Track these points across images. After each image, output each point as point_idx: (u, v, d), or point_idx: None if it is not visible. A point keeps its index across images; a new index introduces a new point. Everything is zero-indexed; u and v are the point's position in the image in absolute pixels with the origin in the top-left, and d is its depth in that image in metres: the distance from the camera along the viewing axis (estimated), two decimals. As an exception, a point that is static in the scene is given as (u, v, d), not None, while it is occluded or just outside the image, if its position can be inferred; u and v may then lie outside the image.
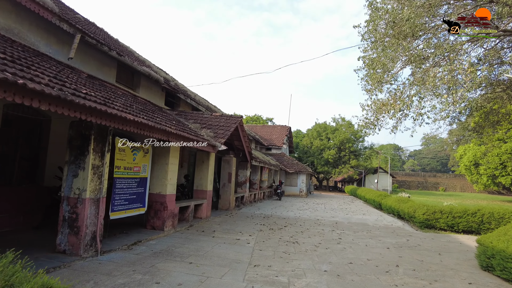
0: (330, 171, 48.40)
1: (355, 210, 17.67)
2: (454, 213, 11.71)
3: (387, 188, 51.37)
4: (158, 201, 7.83)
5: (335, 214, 14.93)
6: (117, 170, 6.50)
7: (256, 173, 18.01)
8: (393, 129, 18.74)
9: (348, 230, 10.25)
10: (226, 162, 12.95)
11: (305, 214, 14.17)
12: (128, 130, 5.53)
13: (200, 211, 10.09)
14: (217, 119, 11.64)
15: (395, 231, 10.84)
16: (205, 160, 10.44)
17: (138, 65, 10.16)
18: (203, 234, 8.03)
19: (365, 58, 18.14)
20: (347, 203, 22.85)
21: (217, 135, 10.35)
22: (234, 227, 9.35)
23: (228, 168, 12.89)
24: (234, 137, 12.95)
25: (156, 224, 7.79)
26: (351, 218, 13.51)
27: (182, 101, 14.12)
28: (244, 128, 12.52)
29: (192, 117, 11.82)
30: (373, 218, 13.92)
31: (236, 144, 13.35)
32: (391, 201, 16.02)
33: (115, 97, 6.63)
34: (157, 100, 12.19)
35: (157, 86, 12.05)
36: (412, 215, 12.57)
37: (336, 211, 16.51)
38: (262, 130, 34.10)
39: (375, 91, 18.75)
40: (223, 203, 12.84)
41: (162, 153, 7.94)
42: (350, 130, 47.89)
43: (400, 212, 14.16)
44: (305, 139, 51.43)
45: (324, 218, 13.16)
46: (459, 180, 70.45)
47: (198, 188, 10.44)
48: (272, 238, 8.11)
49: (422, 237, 9.87)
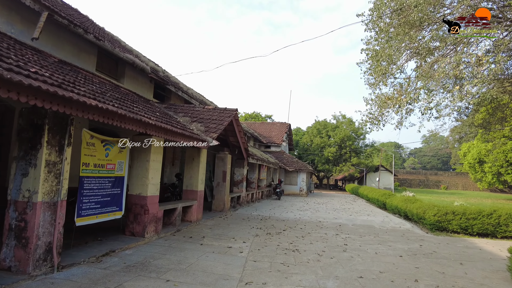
0: (330, 169, 47.42)
1: (358, 210, 16.70)
2: (468, 214, 10.74)
3: (389, 187, 50.43)
4: (138, 204, 6.84)
5: (338, 215, 13.96)
6: (85, 168, 5.51)
7: (254, 172, 17.04)
8: (398, 125, 17.77)
9: (353, 234, 9.27)
10: (221, 160, 11.96)
11: (305, 215, 13.20)
12: (92, 118, 4.54)
13: (190, 214, 9.11)
14: (209, 112, 10.65)
15: (404, 234, 9.87)
16: (196, 157, 9.45)
17: (120, 51, 9.15)
18: (190, 241, 7.05)
19: (368, 50, 17.18)
20: (349, 203, 21.88)
21: (209, 129, 9.36)
22: (227, 232, 8.37)
23: (223, 166, 11.90)
24: (229, 132, 11.96)
25: (135, 229, 6.81)
26: (356, 220, 12.54)
27: (174, 95, 13.12)
28: (239, 122, 11.53)
29: (183, 110, 10.83)
30: (379, 220, 12.95)
31: (231, 141, 12.36)
32: (397, 201, 15.04)
33: (85, 83, 5.63)
34: (145, 92, 11.20)
35: (144, 77, 11.06)
36: (421, 217, 11.59)
37: (339, 211, 15.54)
38: (261, 127, 33.10)
39: (380, 84, 17.78)
40: (217, 204, 11.86)
41: (143, 148, 6.95)
42: (351, 127, 46.91)
43: (408, 213, 13.19)
44: (305, 136, 50.44)
45: (327, 219, 12.19)
46: (461, 178, 69.56)
47: (188, 188, 9.45)
48: (269, 245, 7.13)
49: (436, 241, 8.90)
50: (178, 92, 12.72)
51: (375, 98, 17.56)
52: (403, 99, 14.90)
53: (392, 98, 16.18)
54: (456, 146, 66.92)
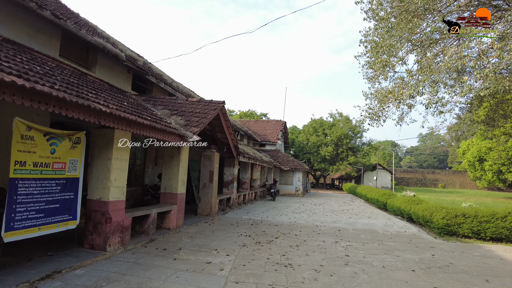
0: (327, 168, 46.39)
1: (358, 212, 15.63)
2: (480, 217, 9.69)
3: (387, 186, 49.55)
4: (98, 211, 5.68)
5: (337, 218, 12.86)
6: (20, 168, 4.34)
7: (246, 171, 15.90)
8: (399, 121, 16.78)
9: (355, 241, 8.17)
10: (207, 158, 10.81)
11: (301, 218, 12.08)
12: (11, 101, 3.38)
13: (168, 220, 7.95)
14: (192, 105, 9.49)
15: (411, 240, 8.78)
16: (176, 155, 8.28)
17: (88, 34, 7.96)
18: (162, 255, 5.89)
19: (367, 42, 16.13)
20: (348, 203, 20.82)
21: (190, 123, 8.20)
22: (209, 242, 7.22)
23: (209, 165, 10.74)
24: (216, 128, 10.81)
25: (95, 242, 5.64)
26: (356, 223, 11.44)
27: (156, 87, 11.95)
28: (227, 117, 10.37)
29: (163, 103, 9.66)
30: (381, 223, 11.86)
31: (219, 137, 11.20)
32: (400, 202, 13.98)
33: (22, 61, 4.46)
34: (121, 83, 10.03)
35: (121, 66, 9.88)
36: (428, 220, 10.53)
37: (337, 213, 14.45)
38: (256, 125, 31.96)
39: (379, 78, 16.75)
40: (204, 208, 10.70)
41: (103, 143, 5.79)
42: (348, 125, 45.93)
43: (412, 215, 12.12)
44: (301, 135, 49.39)
45: (324, 223, 11.08)
46: (458, 177, 68.96)
47: (166, 191, 8.28)
48: (257, 259, 6.00)
49: (448, 249, 7.82)
50: (161, 84, 11.55)
51: (375, 92, 16.51)
52: (405, 92, 13.86)
53: (393, 92, 15.15)
54: (454, 144, 66.26)
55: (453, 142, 65.84)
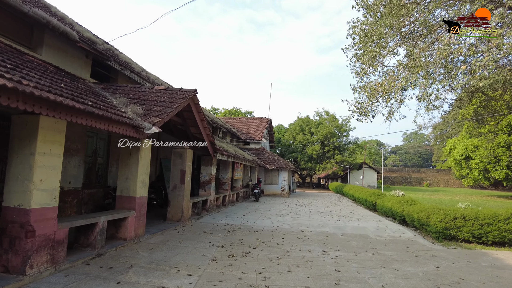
0: (313, 167, 45.58)
1: (346, 213, 14.60)
2: (481, 219, 8.77)
3: (373, 185, 49.20)
4: (16, 222, 4.32)
5: (324, 220, 11.76)
6: None
7: (226, 170, 14.63)
8: (389, 116, 15.88)
9: (346, 250, 7.04)
10: (178, 156, 9.49)
11: (285, 222, 10.92)
12: None
13: (124, 229, 6.62)
14: (158, 93, 8.17)
15: (409, 247, 7.74)
16: (134, 151, 6.95)
17: (25, 4, 6.54)
18: (104, 277, 4.58)
19: (355, 33, 15.15)
20: (335, 204, 19.83)
21: (151, 112, 6.90)
22: (172, 256, 5.94)
23: (181, 163, 9.43)
24: (188, 121, 9.51)
25: (11, 263, 4.29)
26: (345, 227, 10.35)
27: (122, 76, 10.54)
28: (201, 108, 9.09)
29: (124, 91, 8.31)
30: (372, 226, 10.83)
31: (193, 132, 9.90)
32: (391, 203, 13.01)
33: None
34: (77, 69, 8.60)
35: (76, 49, 8.46)
36: (424, 222, 9.54)
37: (324, 215, 13.37)
38: (240, 123, 30.70)
39: (369, 71, 15.81)
40: (174, 212, 9.39)
41: (25, 134, 4.44)
42: (334, 124, 45.26)
43: (406, 217, 11.13)
44: (287, 134, 48.45)
45: (310, 228, 9.95)
46: (443, 175, 69.60)
47: (123, 194, 6.94)
48: (227, 279, 4.77)
49: (452, 258, 6.79)
50: (126, 72, 10.16)
51: (364, 86, 15.56)
52: (397, 84, 12.91)
53: (383, 85, 14.19)
54: (439, 143, 66.80)
55: (438, 141, 66.41)
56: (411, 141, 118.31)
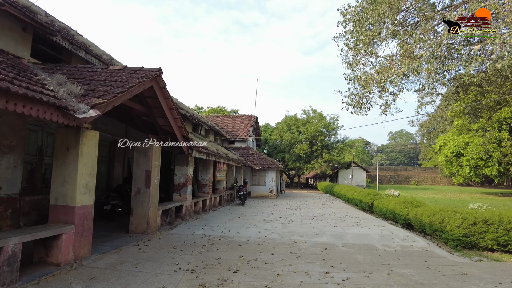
0: (302, 167, 44.24)
1: (342, 217, 13.10)
2: (507, 223, 7.37)
3: (362, 184, 48.27)
4: None
5: (319, 227, 10.20)
6: None
7: (207, 171, 12.90)
8: (385, 109, 14.55)
9: (353, 270, 5.47)
10: (142, 154, 7.74)
11: (274, 230, 9.29)
12: None
13: (57, 251, 4.84)
14: (111, 73, 6.41)
15: (427, 262, 6.24)
16: (73, 145, 5.18)
17: None
18: None
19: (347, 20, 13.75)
20: (327, 205, 18.36)
21: (93, 93, 5.15)
22: (117, 289, 4.21)
23: (145, 163, 7.68)
24: (154, 111, 7.75)
25: None
26: (345, 235, 8.80)
27: (77, 59, 8.70)
28: (169, 93, 7.35)
29: (69, 71, 6.52)
30: (375, 233, 9.32)
31: (161, 124, 8.15)
32: (393, 204, 11.56)
33: None
34: (10, 44, 6.76)
35: (7, 18, 6.61)
36: (438, 228, 8.09)
37: (318, 219, 11.82)
38: (224, 121, 28.94)
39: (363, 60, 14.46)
40: (137, 223, 7.62)
41: None
42: (322, 122, 44.07)
43: (412, 221, 9.68)
44: (274, 133, 46.97)
45: (305, 237, 8.36)
46: (430, 173, 69.63)
47: (58, 203, 5.15)
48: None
49: (490, 278, 5.31)
50: (80, 53, 8.35)
51: (358, 75, 14.13)
52: (399, 70, 11.50)
53: (381, 72, 12.77)
54: (426, 142, 66.74)
55: (425, 138, 66.37)
56: (397, 140, 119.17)
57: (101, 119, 10.07)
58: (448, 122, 56.48)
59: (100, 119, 10.07)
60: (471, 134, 32.77)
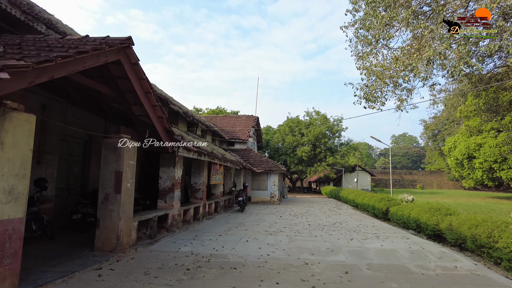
0: (304, 170, 42.53)
1: (355, 226, 11.43)
2: None
3: (366, 188, 46.49)
4: None
5: (332, 240, 8.53)
6: None
7: (200, 174, 11.27)
8: (400, 105, 13.00)
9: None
10: (111, 150, 6.13)
11: (279, 245, 7.63)
12: None
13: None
14: (64, 42, 4.84)
15: (488, 293, 4.58)
16: (-12, 132, 3.58)
17: None
18: None
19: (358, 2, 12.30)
20: (335, 212, 16.67)
21: (17, 55, 3.56)
22: None
23: (115, 161, 6.08)
24: (128, 96, 6.14)
25: None
26: (367, 252, 7.12)
27: (34, 32, 7.12)
28: (143, 72, 5.75)
29: (11, 39, 4.94)
30: (402, 248, 7.64)
31: (138, 114, 6.54)
32: (417, 212, 9.86)
33: None
34: None
35: None
36: (485, 243, 6.42)
37: (329, 230, 10.16)
38: (223, 121, 27.36)
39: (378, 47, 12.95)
40: (104, 238, 5.99)
41: None
42: (326, 124, 42.41)
43: (446, 233, 7.99)
44: (276, 135, 45.34)
45: (317, 255, 6.70)
46: (436, 177, 67.75)
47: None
48: None
49: None
50: (38, 26, 6.77)
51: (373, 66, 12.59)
52: (423, 55, 9.91)
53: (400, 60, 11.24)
54: (430, 144, 64.82)
55: (430, 141, 64.45)
56: (400, 144, 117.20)
57: (72, 111, 8.49)
58: (455, 124, 54.74)
59: (72, 111, 8.48)
60: (484, 135, 31.04)
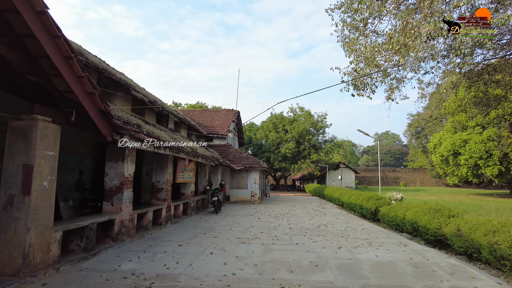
0: (288, 167, 41.34)
1: (342, 229, 10.10)
2: None
3: (351, 185, 45.85)
4: None
5: (317, 249, 7.12)
6: None
7: (163, 170, 9.66)
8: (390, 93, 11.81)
9: None
10: (18, 136, 4.48)
11: (250, 258, 6.16)
12: None
13: None
14: None
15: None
16: None
17: None
18: None
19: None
20: (319, 211, 15.36)
21: None
22: None
23: (24, 152, 4.43)
24: (42, 62, 4.49)
25: None
26: (360, 266, 5.73)
27: None
28: (57, 27, 4.13)
29: None
30: (401, 258, 6.29)
31: (62, 90, 4.86)
32: (413, 213, 8.59)
33: None
34: None
35: None
36: (507, 256, 5.15)
37: (313, 235, 8.76)
38: (202, 116, 25.64)
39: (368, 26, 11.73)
40: (6, 256, 4.34)
41: None
42: (310, 120, 41.33)
43: (453, 240, 6.71)
44: (259, 132, 43.91)
45: (297, 273, 5.25)
46: (418, 174, 68.16)
47: None
48: None
49: None
50: None
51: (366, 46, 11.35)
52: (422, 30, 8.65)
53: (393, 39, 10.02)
54: (414, 142, 65.04)
55: (413, 139, 64.65)
56: (383, 141, 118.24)
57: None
58: (438, 121, 54.87)
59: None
60: (469, 132, 30.64)
